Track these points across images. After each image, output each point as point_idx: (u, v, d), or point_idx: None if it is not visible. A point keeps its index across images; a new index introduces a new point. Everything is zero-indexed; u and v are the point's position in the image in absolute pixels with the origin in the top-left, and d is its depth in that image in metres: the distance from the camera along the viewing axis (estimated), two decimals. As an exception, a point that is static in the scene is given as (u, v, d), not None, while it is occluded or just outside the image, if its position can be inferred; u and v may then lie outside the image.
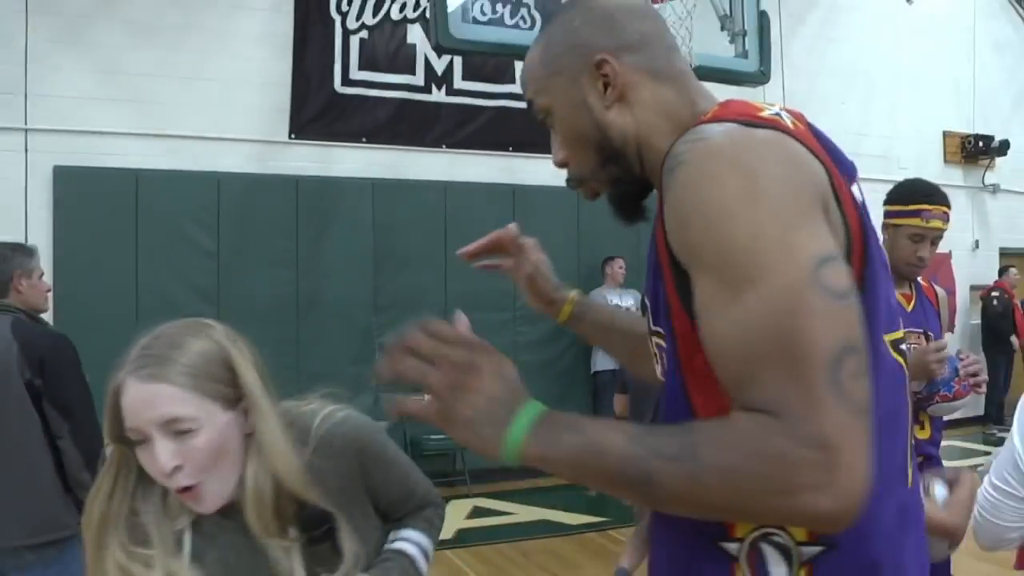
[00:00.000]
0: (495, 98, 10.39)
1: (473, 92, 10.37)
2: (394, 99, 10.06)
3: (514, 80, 10.33)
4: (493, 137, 10.42)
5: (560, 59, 1.55)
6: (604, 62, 1.50)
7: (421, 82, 10.20)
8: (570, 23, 1.56)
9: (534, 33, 7.54)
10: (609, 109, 1.52)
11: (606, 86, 1.51)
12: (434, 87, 10.23)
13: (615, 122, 1.52)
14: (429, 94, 10.23)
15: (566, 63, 1.54)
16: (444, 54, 9.39)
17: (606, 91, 1.52)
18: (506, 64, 10.20)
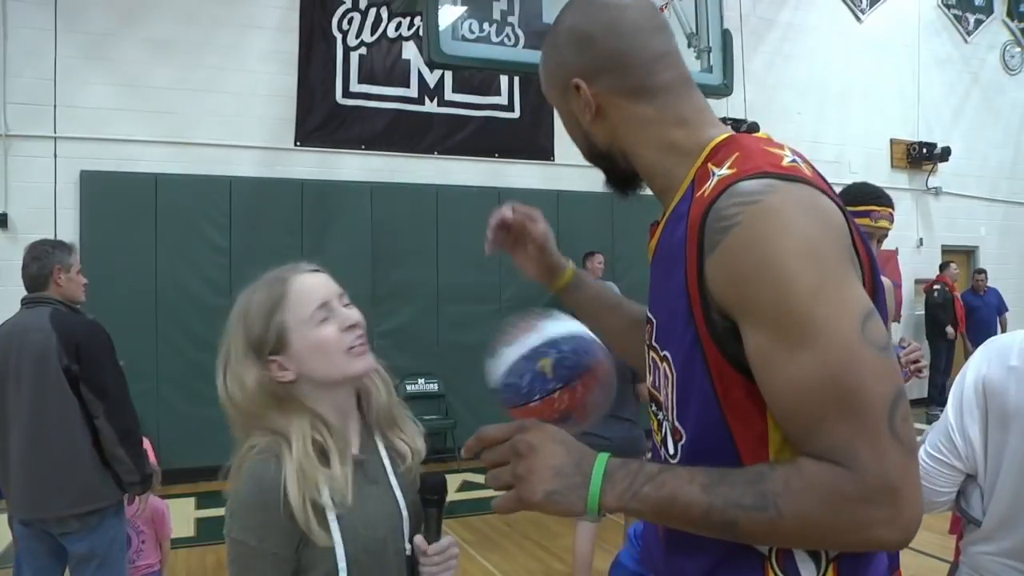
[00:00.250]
0: (482, 109, 10.41)
1: (462, 103, 10.40)
2: (390, 110, 10.12)
3: (499, 92, 10.42)
4: (480, 144, 10.44)
5: (551, 75, 1.57)
6: (578, 85, 1.49)
7: (415, 94, 10.25)
8: (555, 41, 1.55)
9: (518, 50, 7.62)
10: (592, 123, 1.52)
11: (585, 104, 1.51)
12: (427, 99, 10.28)
13: (597, 133, 1.53)
14: (422, 105, 10.27)
15: (555, 80, 1.56)
16: (436, 69, 9.42)
17: (585, 109, 1.51)
18: (492, 78, 10.27)
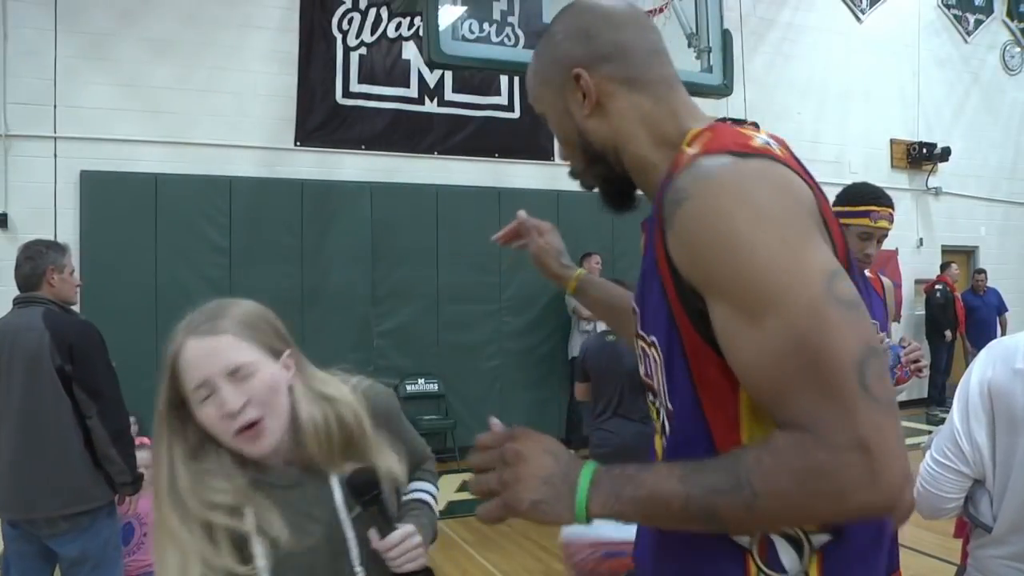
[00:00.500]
0: (482, 109, 10.38)
1: (462, 103, 10.36)
2: (390, 110, 10.07)
3: (499, 92, 10.39)
4: (480, 144, 10.40)
5: (546, 71, 1.55)
6: (579, 75, 1.48)
7: (415, 94, 10.20)
8: (553, 37, 1.55)
9: (518, 50, 7.61)
10: (588, 118, 1.50)
11: (584, 96, 1.49)
12: (427, 99, 10.24)
13: (594, 129, 1.50)
14: (422, 105, 10.23)
15: (550, 75, 1.54)
16: (436, 69, 9.40)
17: (584, 101, 1.49)
18: (492, 78, 10.23)
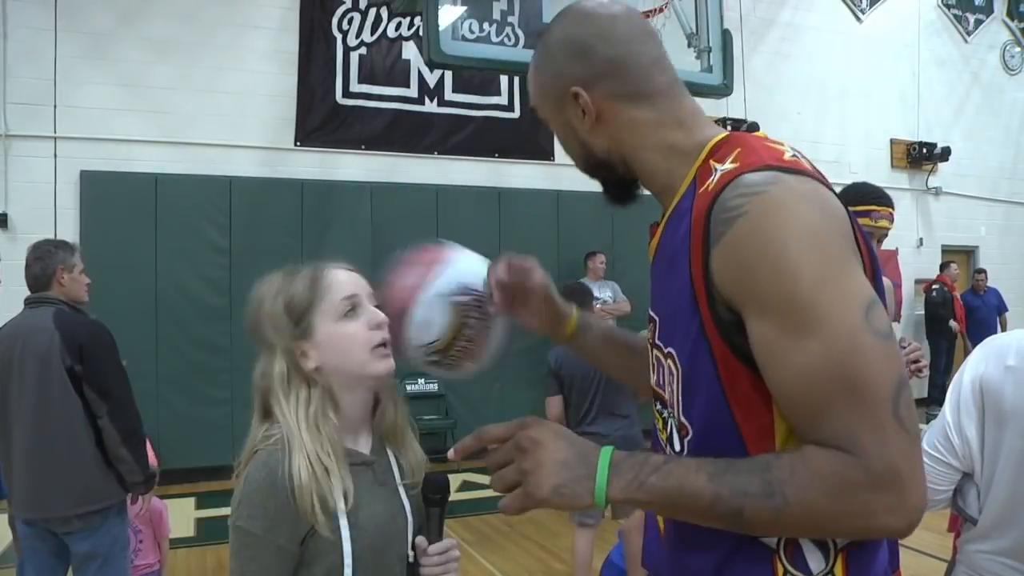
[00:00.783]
0: (482, 109, 10.43)
1: (462, 103, 10.41)
2: (390, 110, 10.14)
3: (499, 92, 10.43)
4: (480, 144, 10.45)
5: (545, 86, 1.57)
6: (578, 94, 1.49)
7: (415, 94, 10.27)
8: (549, 51, 1.56)
9: (518, 50, 7.63)
10: (590, 132, 1.52)
11: (584, 112, 1.50)
12: (427, 99, 10.30)
13: (596, 142, 1.53)
14: (422, 105, 10.29)
15: (550, 90, 1.55)
16: (436, 69, 9.45)
17: (584, 116, 1.51)
18: (492, 78, 10.27)
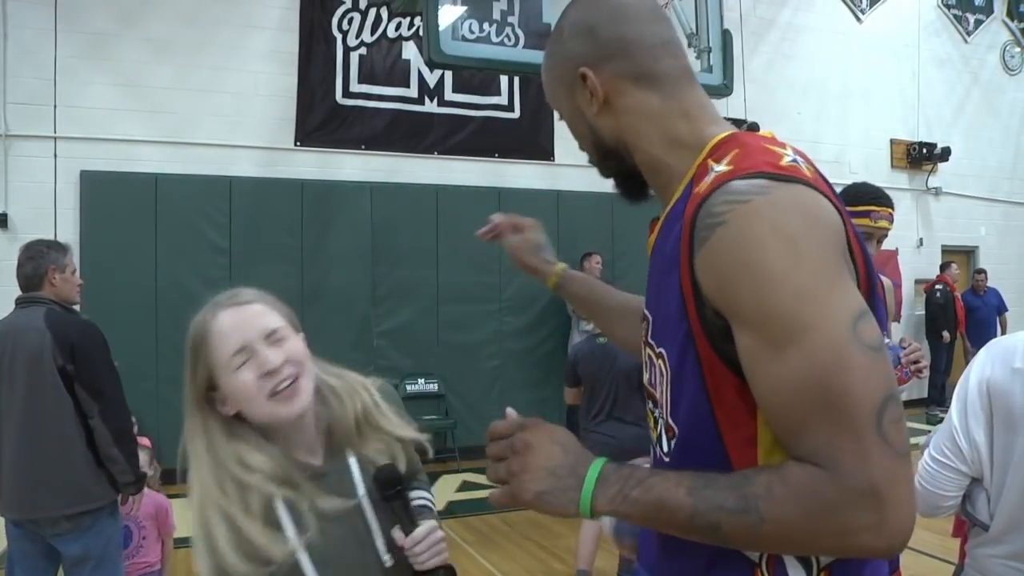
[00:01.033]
0: (482, 109, 10.39)
1: (462, 103, 10.37)
2: (390, 110, 10.09)
3: (499, 92, 10.40)
4: (480, 144, 10.42)
5: (556, 71, 1.56)
6: (584, 74, 1.47)
7: (415, 94, 10.22)
8: (560, 36, 1.55)
9: (518, 50, 7.60)
10: (598, 116, 1.50)
11: (592, 95, 1.49)
12: (427, 99, 10.26)
13: (604, 126, 1.50)
14: (422, 105, 10.25)
15: (560, 75, 1.54)
16: (436, 69, 9.41)
17: (592, 99, 1.49)
18: (492, 78, 10.23)
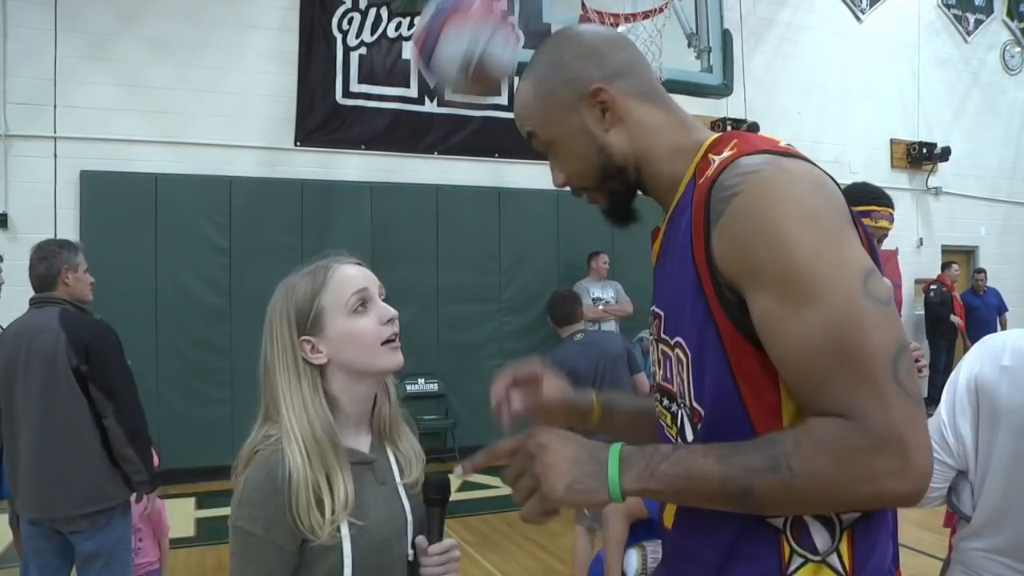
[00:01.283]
0: (482, 109, 10.45)
1: (462, 103, 10.38)
2: (390, 110, 10.16)
3: (499, 93, 10.42)
4: (480, 144, 10.50)
5: (555, 93, 1.56)
6: (600, 90, 1.52)
7: (415, 94, 10.29)
8: (559, 59, 1.57)
9: (518, 51, 7.66)
10: (608, 132, 1.54)
11: (604, 112, 1.53)
12: (427, 99, 10.33)
13: (615, 143, 1.54)
14: (422, 105, 10.31)
15: (562, 96, 1.56)
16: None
17: (604, 116, 1.54)
18: (492, 79, 10.27)
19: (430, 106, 10.34)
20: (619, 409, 1.97)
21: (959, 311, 12.82)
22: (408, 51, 10.19)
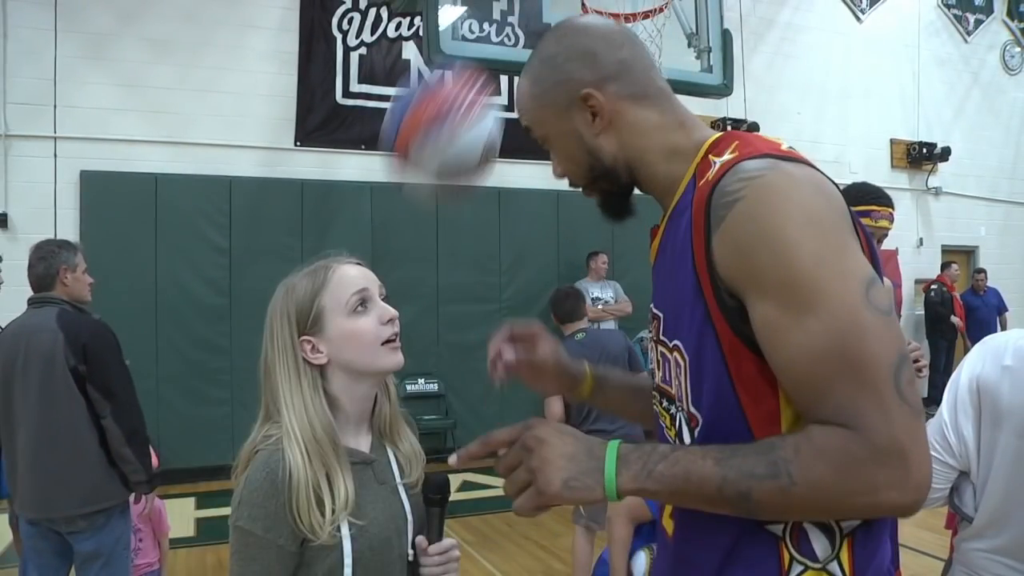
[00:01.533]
0: (482, 109, 10.37)
1: (462, 104, 10.38)
2: (391, 110, 10.13)
3: (499, 92, 10.45)
4: (480, 144, 10.41)
5: (548, 94, 1.56)
6: (590, 95, 1.51)
7: (415, 94, 10.25)
8: (553, 59, 1.56)
9: (518, 50, 7.65)
10: (598, 136, 1.53)
11: (594, 115, 1.52)
12: (427, 99, 10.28)
13: (604, 147, 1.54)
14: (423, 105, 10.27)
15: (553, 98, 1.55)
16: (436, 69, 9.47)
17: (594, 120, 1.53)
18: (492, 78, 10.24)
19: (430, 106, 10.27)
20: (612, 384, 1.99)
21: (959, 311, 12.82)
22: (408, 51, 10.20)
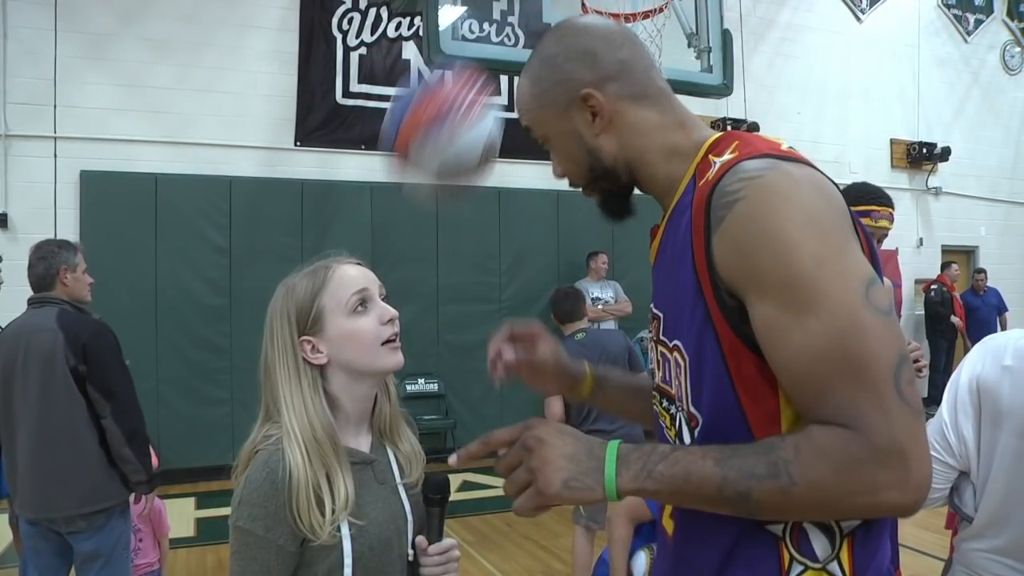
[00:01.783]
0: (482, 109, 10.37)
1: (462, 104, 10.37)
2: (391, 110, 10.13)
3: (499, 92, 10.45)
4: (480, 144, 10.40)
5: (548, 94, 1.56)
6: (590, 95, 1.51)
7: (415, 94, 10.25)
8: (553, 59, 1.56)
9: (518, 50, 7.65)
10: (598, 136, 1.53)
11: (594, 115, 1.52)
12: (427, 99, 10.27)
13: (604, 147, 1.54)
14: (423, 105, 10.27)
15: (553, 98, 1.55)
16: (436, 69, 9.47)
17: (594, 120, 1.53)
18: (492, 78, 10.23)
19: (430, 106, 10.28)
20: (612, 384, 1.99)
21: (959, 311, 12.83)
22: (408, 51, 10.20)
